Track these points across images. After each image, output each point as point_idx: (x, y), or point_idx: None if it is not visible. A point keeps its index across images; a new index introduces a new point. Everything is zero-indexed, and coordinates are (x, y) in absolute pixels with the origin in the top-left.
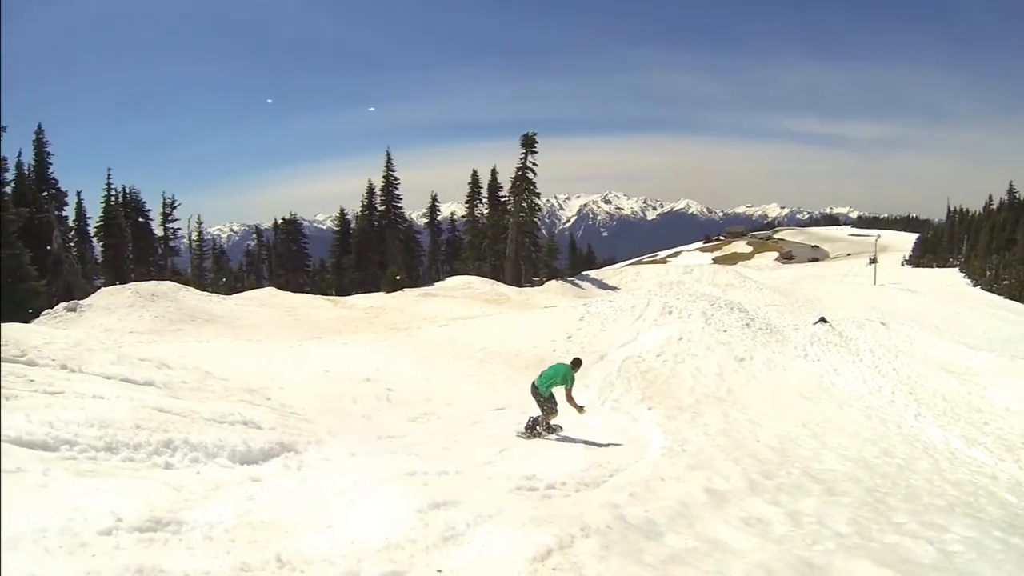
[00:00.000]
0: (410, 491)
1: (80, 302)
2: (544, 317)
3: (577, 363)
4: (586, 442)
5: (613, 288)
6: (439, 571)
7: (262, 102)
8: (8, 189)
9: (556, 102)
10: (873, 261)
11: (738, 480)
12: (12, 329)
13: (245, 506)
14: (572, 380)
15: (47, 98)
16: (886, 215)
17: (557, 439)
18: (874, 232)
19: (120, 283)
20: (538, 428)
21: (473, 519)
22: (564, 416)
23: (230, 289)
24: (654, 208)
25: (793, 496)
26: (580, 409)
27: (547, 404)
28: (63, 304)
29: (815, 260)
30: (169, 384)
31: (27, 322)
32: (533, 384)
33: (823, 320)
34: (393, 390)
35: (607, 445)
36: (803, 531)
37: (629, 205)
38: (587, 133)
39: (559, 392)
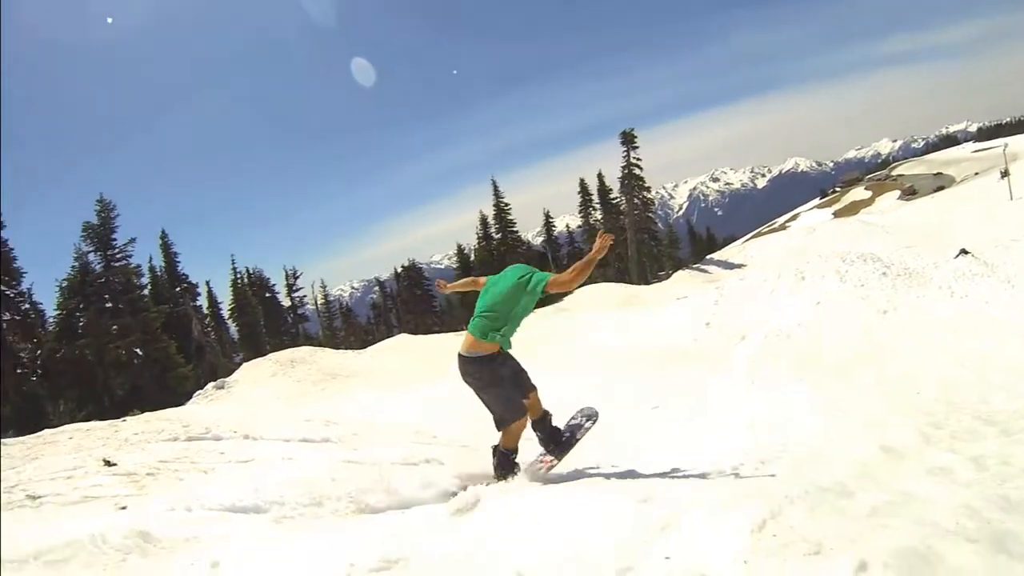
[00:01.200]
0: (610, 493)
1: (226, 380)
2: (678, 309)
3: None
4: (743, 422)
5: (740, 266)
6: (667, 557)
7: (356, 162)
8: (146, 291)
9: (645, 91)
10: (1005, 174)
11: (909, 434)
12: (185, 411)
13: (458, 536)
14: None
15: (164, 205)
16: (1009, 119)
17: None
18: (1000, 142)
19: (258, 356)
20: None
21: (681, 506)
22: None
23: (362, 343)
24: (763, 175)
25: (969, 442)
26: (601, 247)
27: (502, 389)
28: (211, 384)
29: (940, 188)
30: (342, 438)
31: (180, 404)
32: (461, 355)
33: (964, 252)
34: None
35: (767, 422)
36: (989, 473)
37: (737, 178)
38: (681, 114)
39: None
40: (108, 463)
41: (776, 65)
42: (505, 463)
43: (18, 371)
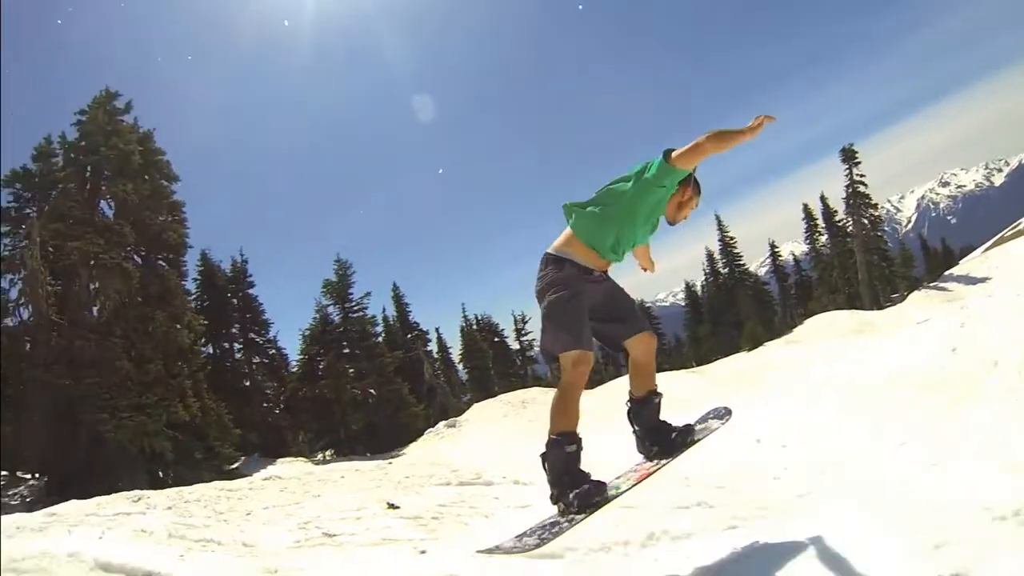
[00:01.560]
0: (885, 535)
1: (457, 419)
2: (918, 334)
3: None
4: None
5: (984, 280)
6: None
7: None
8: (380, 338)
9: (857, 99)
10: None
11: None
12: (446, 454)
13: (761, 566)
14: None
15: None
16: None
17: None
18: None
19: (487, 397)
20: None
21: (974, 551)
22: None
23: (591, 383)
24: (999, 170)
25: None
26: (755, 127)
27: (569, 310)
28: (443, 422)
29: None
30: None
31: (413, 440)
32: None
33: None
34: (787, 446)
35: None
36: None
37: (969, 178)
38: (898, 118)
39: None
40: (392, 506)
41: (1001, 37)
42: (563, 468)
43: (264, 405)
